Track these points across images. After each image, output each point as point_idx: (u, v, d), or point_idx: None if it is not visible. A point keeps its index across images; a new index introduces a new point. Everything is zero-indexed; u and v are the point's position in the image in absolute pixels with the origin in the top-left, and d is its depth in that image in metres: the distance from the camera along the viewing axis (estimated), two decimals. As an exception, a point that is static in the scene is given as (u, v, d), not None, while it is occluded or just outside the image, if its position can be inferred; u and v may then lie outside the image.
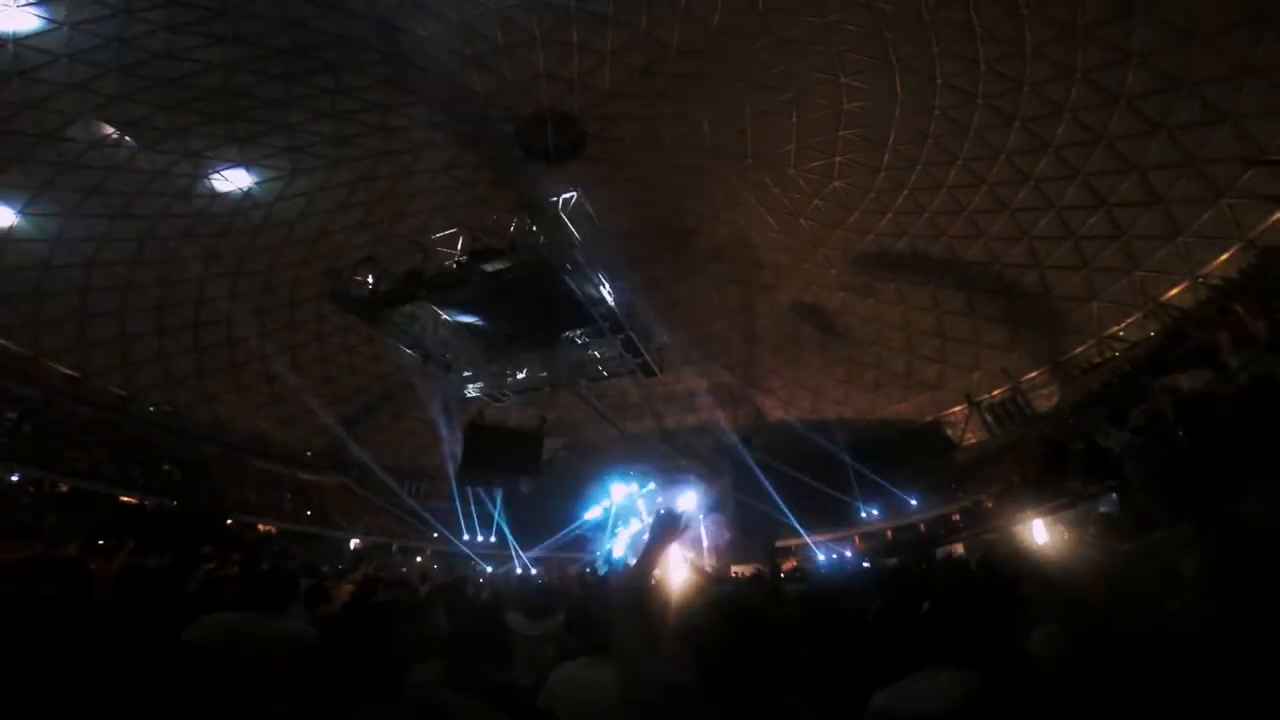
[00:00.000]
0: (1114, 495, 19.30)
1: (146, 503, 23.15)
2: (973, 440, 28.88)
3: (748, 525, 29.06)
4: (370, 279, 21.57)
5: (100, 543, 13.96)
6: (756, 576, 11.15)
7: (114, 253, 23.87)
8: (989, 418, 27.76)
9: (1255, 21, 15.01)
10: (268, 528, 26.51)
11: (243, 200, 24.93)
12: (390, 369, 32.44)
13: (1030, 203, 22.14)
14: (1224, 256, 19.45)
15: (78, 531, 17.16)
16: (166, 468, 25.36)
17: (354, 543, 29.16)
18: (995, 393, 27.87)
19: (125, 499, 23.22)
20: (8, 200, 21.06)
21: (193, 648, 3.44)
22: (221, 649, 3.56)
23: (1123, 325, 23.20)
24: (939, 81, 19.73)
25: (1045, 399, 25.98)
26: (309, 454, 30.36)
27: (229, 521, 24.07)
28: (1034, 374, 26.39)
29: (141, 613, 3.99)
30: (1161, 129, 17.89)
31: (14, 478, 21.51)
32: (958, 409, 29.47)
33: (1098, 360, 23.68)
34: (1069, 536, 20.15)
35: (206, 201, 24.45)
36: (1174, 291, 21.39)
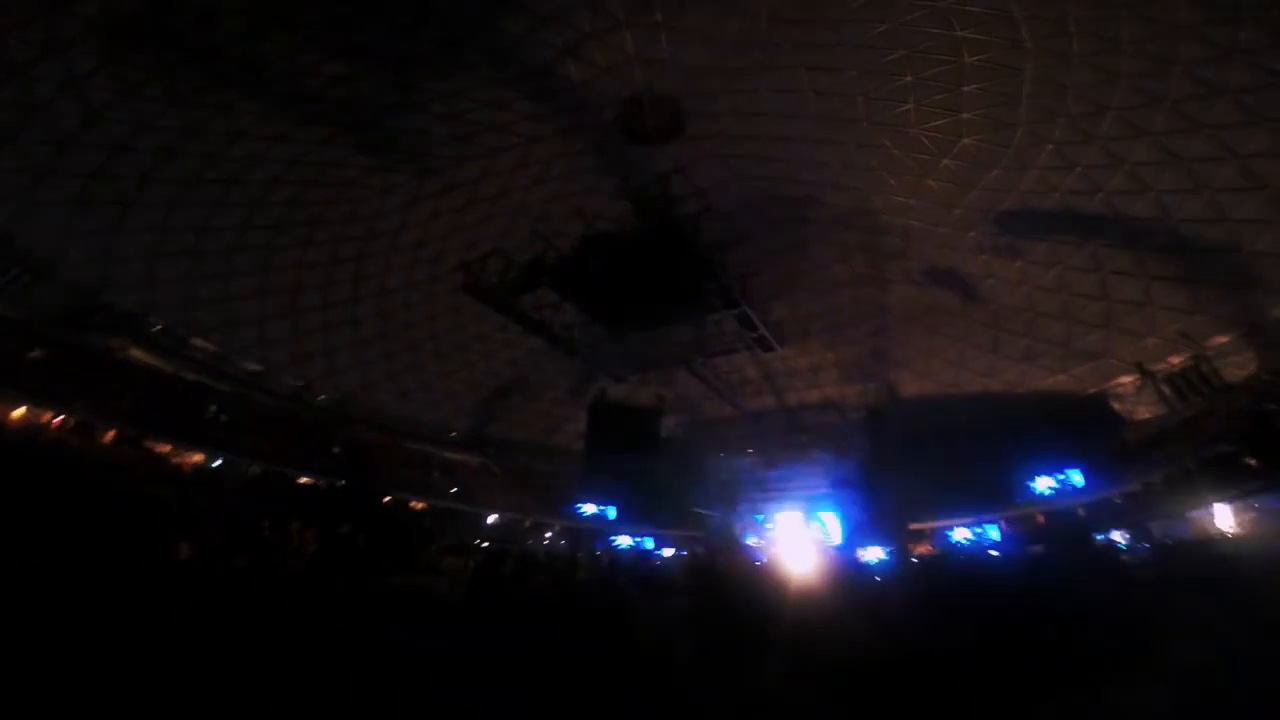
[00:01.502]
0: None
1: (320, 483, 26.60)
2: (1147, 415, 25.01)
3: (880, 506, 27.54)
4: (498, 270, 23.06)
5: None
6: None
7: (281, 259, 27.17)
8: (1167, 389, 23.86)
9: None
10: (419, 504, 29.37)
11: (383, 204, 27.26)
12: (521, 353, 34.36)
13: (1208, 153, 18.57)
14: None
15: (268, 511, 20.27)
16: (335, 450, 28.87)
17: (491, 518, 31.48)
18: (1174, 361, 23.88)
19: (303, 480, 26.85)
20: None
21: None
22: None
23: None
24: (1072, 29, 16.89)
25: (1237, 368, 21.83)
26: (453, 435, 33.07)
27: (386, 499, 27.06)
28: (1223, 339, 22.25)
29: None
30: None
31: (216, 463, 25.66)
32: (1128, 380, 25.62)
33: (1306, 323, 19.51)
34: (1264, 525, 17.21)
35: (351, 207, 27.00)
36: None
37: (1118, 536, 20.90)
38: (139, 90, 20.03)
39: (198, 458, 25.22)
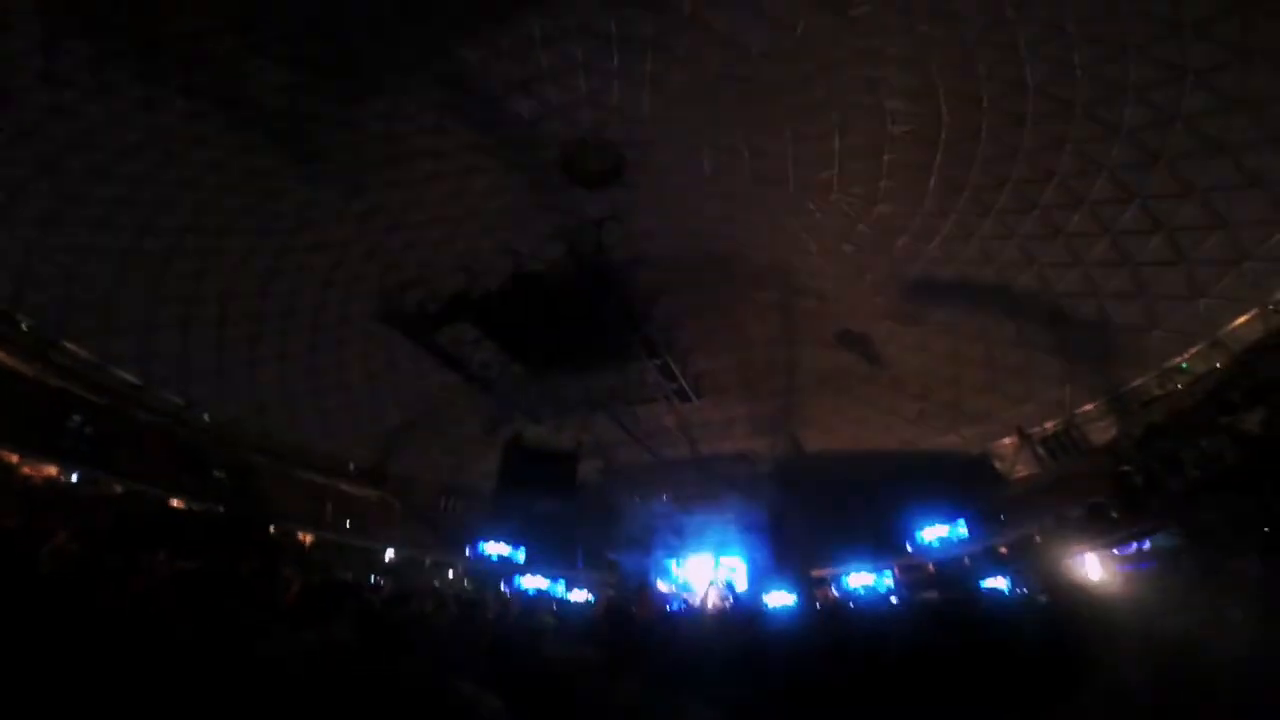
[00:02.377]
0: (1170, 532, 18.43)
1: (195, 508, 24.05)
2: (1023, 473, 27.62)
3: (784, 553, 28.33)
4: (417, 299, 22.43)
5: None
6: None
7: (182, 265, 25.17)
8: (1041, 450, 26.56)
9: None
10: (308, 536, 27.14)
11: (300, 218, 26.05)
12: (433, 387, 33.19)
13: (1085, 228, 21.39)
14: (1294, 283, 18.40)
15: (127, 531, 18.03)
16: (217, 474, 26.31)
17: (389, 554, 29.57)
18: (1048, 425, 26.68)
19: (175, 503, 24.17)
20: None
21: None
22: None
23: (1185, 356, 22.05)
24: (985, 104, 19.40)
25: (1101, 432, 24.76)
26: (351, 466, 31.11)
27: (271, 529, 24.78)
28: (1090, 406, 25.22)
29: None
30: (1225, 149, 17.15)
31: (73, 478, 22.69)
32: (1008, 441, 28.30)
33: (1159, 392, 22.51)
34: (1126, 573, 19.20)
35: (268, 219, 25.62)
36: (1240, 320, 20.30)
37: (1000, 583, 22.68)
38: (65, 78, 18.59)
39: (51, 470, 22.22)
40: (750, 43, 19.60)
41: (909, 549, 28.40)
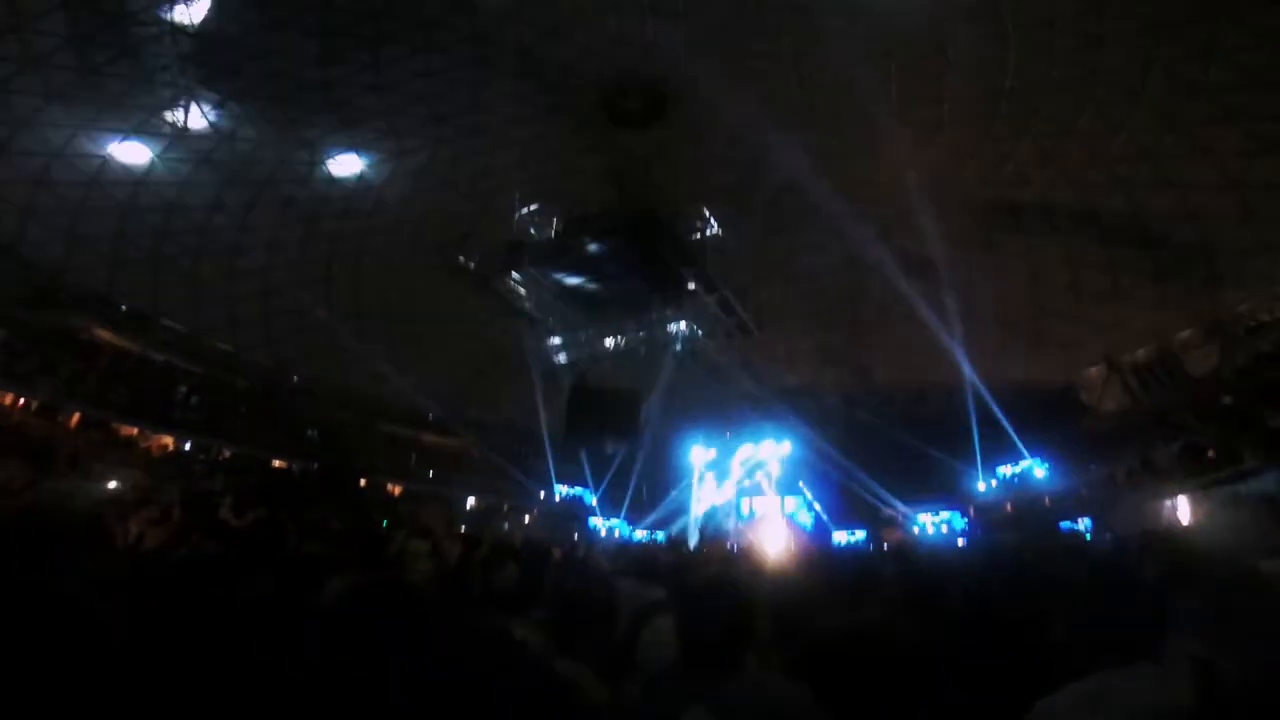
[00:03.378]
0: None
1: (293, 466, 26.25)
2: (1112, 406, 25.74)
3: (853, 492, 28.07)
4: (477, 249, 22.90)
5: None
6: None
7: (254, 238, 26.47)
8: (1132, 381, 24.56)
9: None
10: (395, 488, 29.19)
11: (358, 183, 26.66)
12: (500, 334, 34.04)
13: (1181, 149, 18.97)
14: None
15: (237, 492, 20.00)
16: (310, 433, 28.46)
17: (469, 501, 31.43)
18: (1140, 354, 24.58)
19: (277, 463, 26.46)
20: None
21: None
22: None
23: (1299, 279, 19.58)
24: (1056, 23, 17.03)
25: (1200, 361, 22.54)
26: (430, 417, 32.75)
27: (362, 482, 26.81)
28: (1187, 333, 22.96)
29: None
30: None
31: (186, 445, 25.16)
32: (1094, 371, 26.34)
33: (1266, 318, 20.15)
34: (1222, 518, 17.88)
35: (326, 186, 26.36)
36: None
37: (1083, 524, 21.56)
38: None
39: (167, 441, 24.68)
40: (791, -36, 17.86)
41: (984, 487, 27.28)
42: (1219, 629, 1.97)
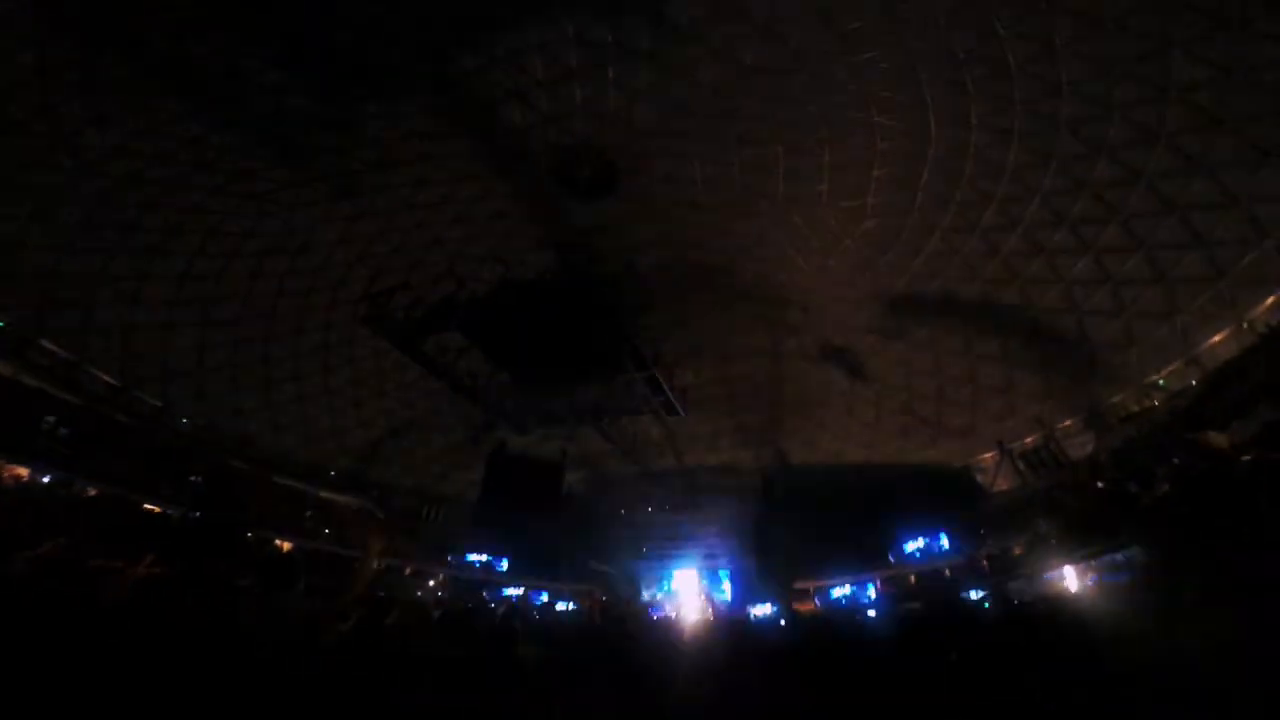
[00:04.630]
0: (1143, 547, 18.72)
1: (171, 512, 23.53)
2: (1004, 487, 28.01)
3: (767, 566, 28.33)
4: (404, 305, 22.17)
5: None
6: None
7: (164, 267, 24.78)
8: (1021, 465, 26.98)
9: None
10: (285, 543, 26.65)
11: (288, 220, 25.80)
12: (418, 396, 32.92)
13: (1067, 245, 21.89)
14: (1270, 300, 18.93)
15: (99, 536, 17.55)
16: (193, 479, 25.79)
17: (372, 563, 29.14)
18: (1028, 440, 27.16)
19: (150, 507, 23.63)
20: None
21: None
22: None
23: (1163, 373, 22.57)
24: (973, 120, 19.79)
25: (1080, 447, 25.20)
26: (332, 473, 30.65)
27: (248, 535, 24.32)
28: (1069, 422, 25.70)
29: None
30: (1203, 166, 17.70)
31: (45, 479, 22.12)
32: (988, 455, 28.73)
33: (1136, 409, 22.99)
34: (1103, 585, 19.49)
35: (254, 221, 25.33)
36: (1217, 338, 20.85)
37: (978, 595, 22.92)
38: (55, 74, 18.33)
39: (20, 472, 21.63)
40: (744, 56, 19.90)
41: (891, 560, 28.57)
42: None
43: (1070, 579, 21.45)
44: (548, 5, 18.80)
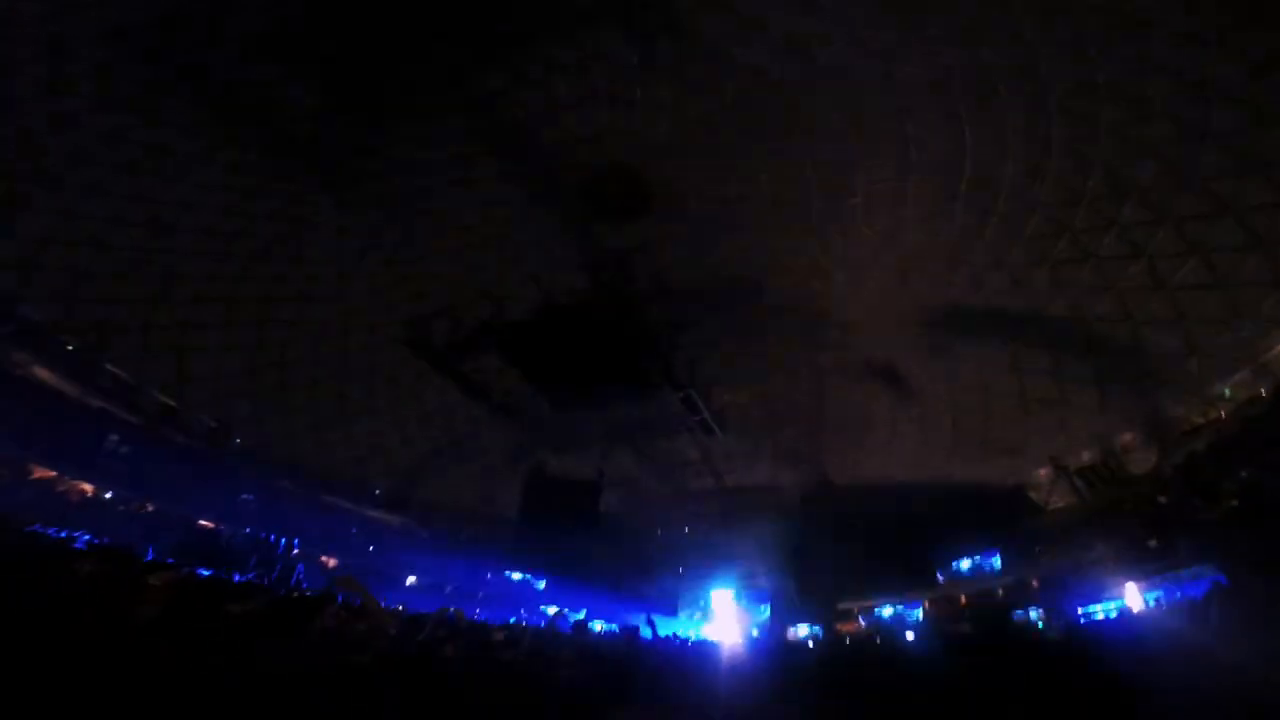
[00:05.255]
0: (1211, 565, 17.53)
1: (222, 527, 24.43)
2: (1060, 504, 26.66)
3: (809, 587, 27.57)
4: (445, 329, 22.64)
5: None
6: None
7: (217, 290, 25.98)
8: (1078, 482, 25.66)
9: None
10: (331, 560, 27.25)
11: (334, 246, 26.79)
12: (458, 417, 33.48)
13: (1118, 250, 21.00)
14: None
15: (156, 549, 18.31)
16: (245, 497, 26.73)
17: (409, 580, 29.51)
18: (1085, 456, 25.85)
19: (203, 523, 24.58)
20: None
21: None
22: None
23: (1228, 383, 21.27)
24: (1010, 128, 19.31)
25: (1141, 462, 23.83)
26: (376, 492, 31.35)
27: (295, 552, 24.94)
28: (1128, 436, 24.38)
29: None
30: (1256, 162, 16.80)
31: (107, 495, 23.29)
32: (1042, 472, 27.45)
33: (1200, 421, 21.68)
34: (1170, 607, 18.26)
35: (298, 247, 26.38)
36: (1284, 345, 19.62)
37: (1034, 615, 21.85)
38: (118, 105, 19.57)
39: (86, 488, 22.84)
40: (771, 71, 19.91)
41: (940, 580, 27.41)
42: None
43: (1133, 598, 20.22)
44: (572, 25, 19.19)
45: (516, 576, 30.19)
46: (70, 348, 24.17)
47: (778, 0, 17.60)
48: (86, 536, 12.39)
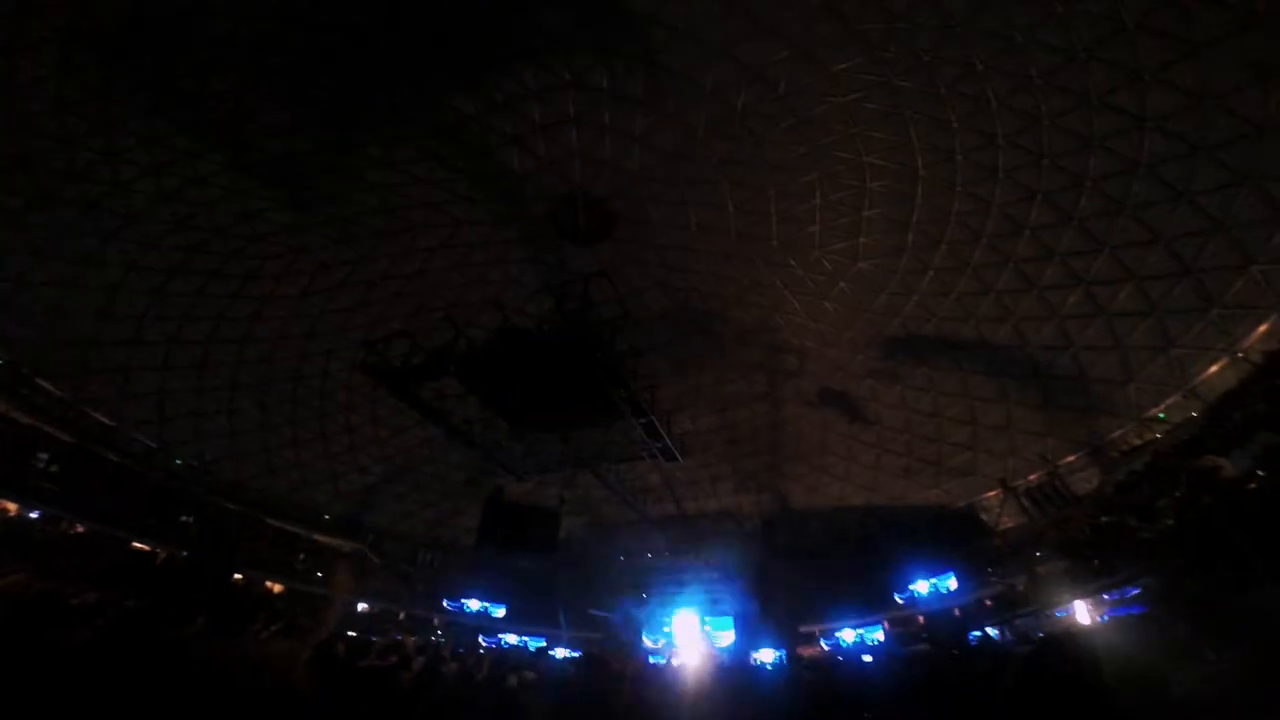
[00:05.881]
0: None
1: (159, 551, 23.06)
2: (1009, 524, 27.56)
3: (771, 610, 27.55)
4: (403, 352, 22.20)
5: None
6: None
7: (166, 308, 25.06)
8: (1026, 502, 26.63)
9: (1264, 78, 15.49)
10: (276, 585, 25.98)
11: (291, 264, 26.24)
12: (415, 442, 32.72)
13: (1058, 280, 22.15)
14: (1262, 328, 19.09)
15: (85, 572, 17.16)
16: (184, 519, 25.38)
17: (361, 606, 28.32)
18: (1032, 477, 26.90)
19: (138, 545, 23.18)
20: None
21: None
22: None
23: (1162, 406, 22.54)
24: (959, 157, 20.33)
25: (1084, 482, 24.92)
26: (326, 517, 30.18)
27: (237, 576, 23.72)
28: (1072, 458, 25.49)
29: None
30: (1184, 196, 18.15)
31: (32, 514, 21.80)
32: (992, 494, 28.38)
33: (1138, 442, 22.85)
34: (1114, 621, 18.93)
35: (257, 264, 25.76)
36: (1212, 369, 20.91)
37: (991, 632, 22.36)
38: (72, 107, 18.97)
39: (9, 507, 21.35)
40: (736, 100, 20.66)
41: (898, 602, 27.87)
42: None
43: (1081, 614, 20.92)
44: (543, 51, 19.62)
45: (475, 604, 29.20)
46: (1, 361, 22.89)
47: (743, 28, 18.28)
48: None
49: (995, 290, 23.32)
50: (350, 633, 22.33)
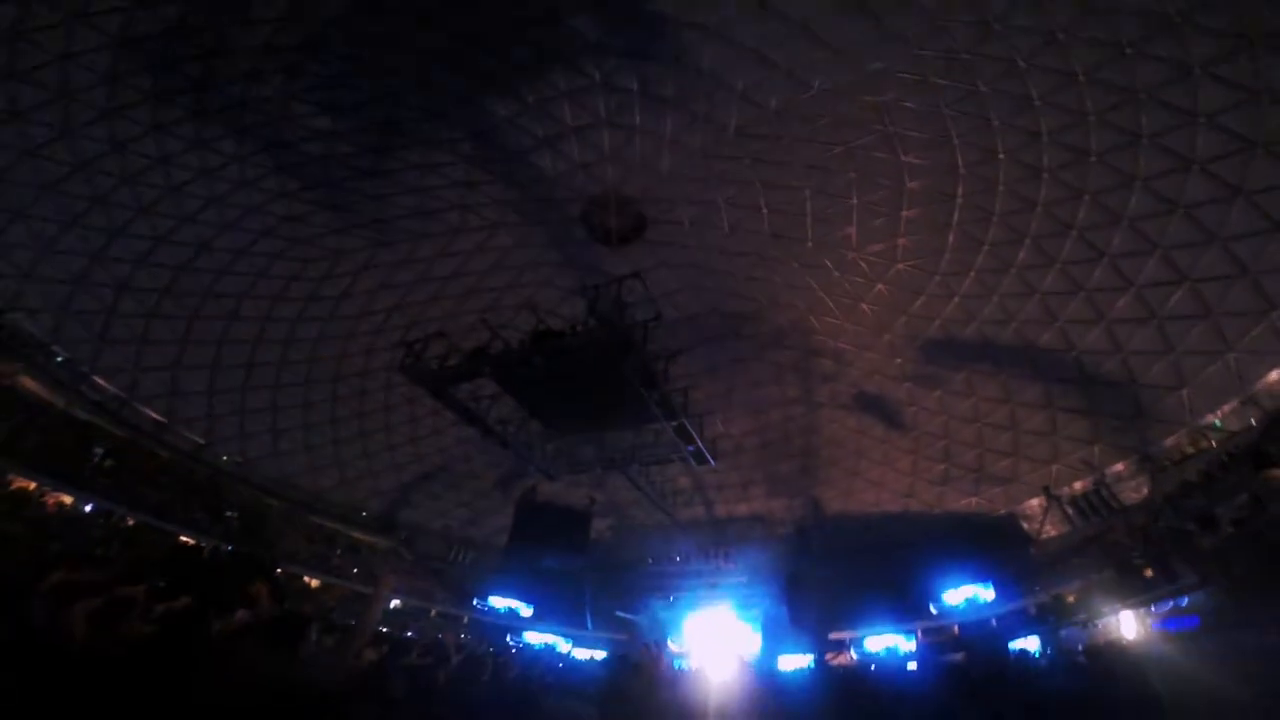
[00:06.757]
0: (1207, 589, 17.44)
1: (204, 544, 23.88)
2: (1052, 533, 26.56)
3: (800, 617, 27.12)
4: (439, 353, 22.60)
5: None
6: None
7: (214, 307, 25.97)
8: (1070, 510, 25.62)
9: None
10: (315, 580, 26.66)
11: (332, 266, 26.94)
12: (450, 441, 33.22)
13: (1107, 282, 21.32)
14: (1325, 332, 18.08)
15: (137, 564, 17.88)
16: (229, 514, 26.22)
17: (395, 603, 28.84)
18: (1077, 485, 25.88)
19: (185, 539, 24.03)
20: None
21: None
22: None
23: (1218, 413, 21.47)
24: (1001, 156, 19.75)
25: (1133, 491, 23.86)
26: (364, 514, 30.88)
27: (277, 571, 24.36)
28: (1120, 466, 24.45)
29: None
30: (1240, 193, 17.30)
31: (87, 508, 22.79)
32: (1034, 502, 27.39)
33: (1191, 450, 21.80)
34: (1162, 632, 18.14)
35: (299, 266, 26.51)
36: (1273, 375, 19.85)
37: (1030, 644, 21.61)
38: (123, 111, 19.82)
39: (65, 499, 22.35)
40: (768, 100, 20.46)
41: (933, 611, 27.11)
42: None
43: (1127, 625, 20.07)
44: (575, 53, 19.73)
45: (503, 603, 29.51)
46: (60, 359, 24.01)
47: (777, 31, 18.08)
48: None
49: (1040, 292, 22.55)
50: (382, 628, 22.82)
